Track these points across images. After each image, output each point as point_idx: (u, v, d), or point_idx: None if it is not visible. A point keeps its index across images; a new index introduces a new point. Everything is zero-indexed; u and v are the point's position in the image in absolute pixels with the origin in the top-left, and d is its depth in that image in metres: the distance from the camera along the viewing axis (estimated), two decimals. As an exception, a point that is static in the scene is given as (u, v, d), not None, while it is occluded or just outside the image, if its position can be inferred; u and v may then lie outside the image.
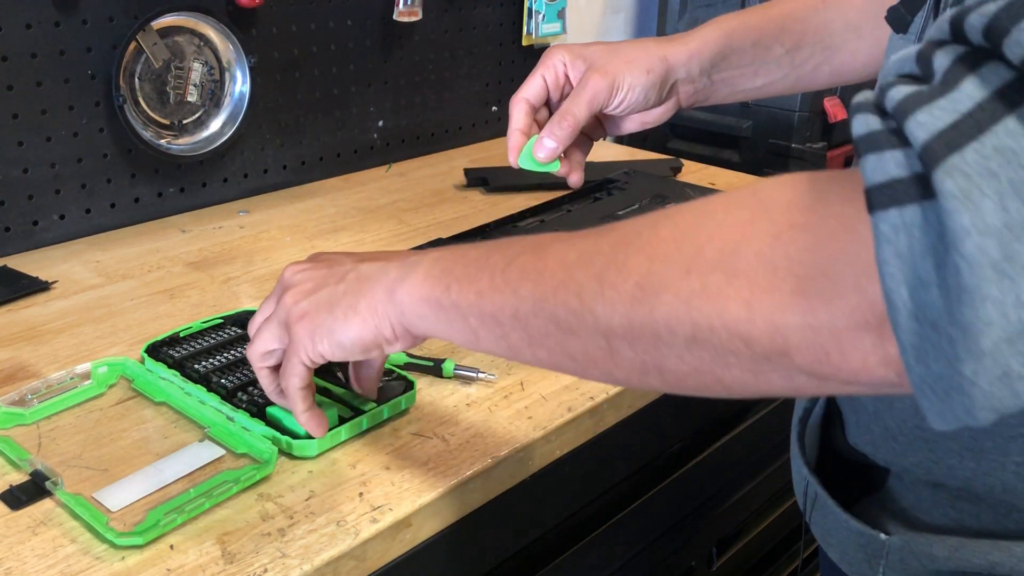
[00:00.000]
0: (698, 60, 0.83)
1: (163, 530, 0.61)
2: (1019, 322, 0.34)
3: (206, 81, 1.18)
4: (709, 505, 1.04)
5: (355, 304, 0.60)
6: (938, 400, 0.37)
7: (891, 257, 0.36)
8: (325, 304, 0.61)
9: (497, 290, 0.52)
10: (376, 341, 0.60)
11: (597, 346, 0.48)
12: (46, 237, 1.09)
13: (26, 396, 0.75)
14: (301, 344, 0.62)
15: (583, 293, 0.47)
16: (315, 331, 0.61)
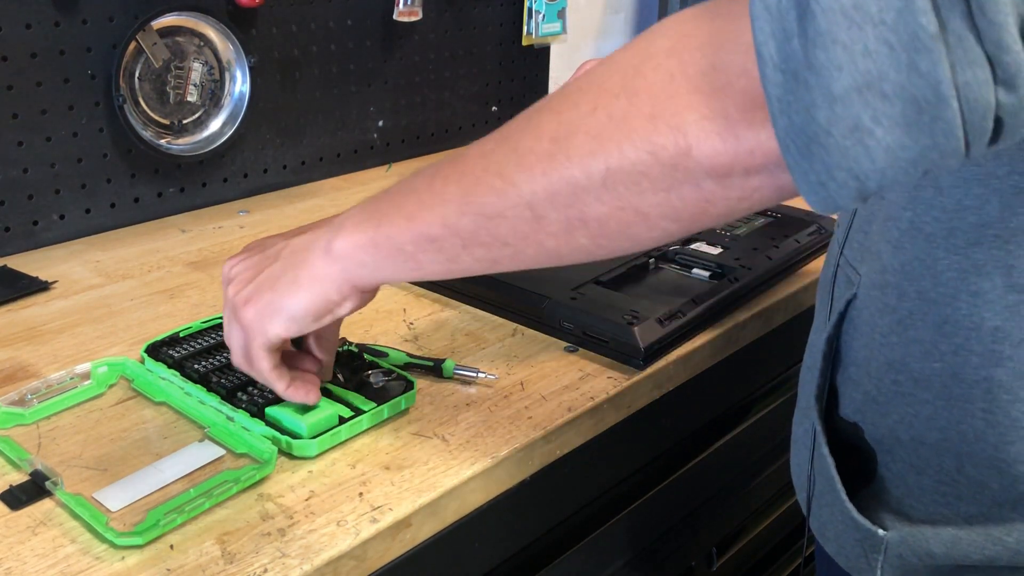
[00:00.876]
0: None
1: (163, 530, 0.61)
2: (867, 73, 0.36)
3: (206, 81, 1.18)
4: (709, 505, 1.04)
5: (296, 276, 0.61)
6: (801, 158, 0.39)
7: (761, 12, 0.38)
8: (266, 285, 0.62)
9: (424, 206, 0.54)
10: (326, 306, 0.61)
11: (524, 219, 0.50)
12: (46, 237, 1.09)
13: (26, 396, 0.75)
14: (253, 329, 0.63)
15: (503, 170, 0.49)
16: (262, 313, 0.62)
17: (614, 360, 0.84)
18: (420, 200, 0.55)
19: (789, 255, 1.03)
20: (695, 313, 0.88)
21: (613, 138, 0.45)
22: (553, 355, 0.85)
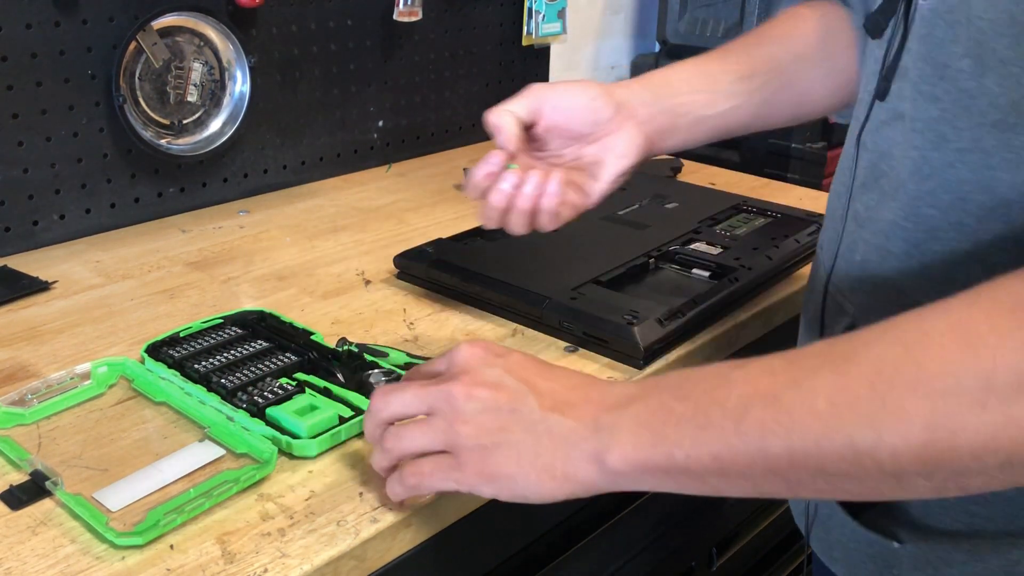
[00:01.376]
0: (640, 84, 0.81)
1: (163, 530, 0.61)
2: None
3: (206, 81, 1.18)
4: (709, 505, 1.04)
5: (551, 464, 0.56)
6: None
7: None
8: (511, 457, 0.57)
9: (737, 452, 0.48)
10: (567, 499, 0.57)
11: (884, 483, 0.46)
12: (46, 237, 1.09)
13: (26, 396, 0.75)
14: (465, 478, 0.58)
15: (856, 444, 0.45)
16: (491, 475, 0.57)
17: (614, 360, 0.84)
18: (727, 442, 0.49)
19: (789, 255, 1.03)
20: (695, 313, 0.88)
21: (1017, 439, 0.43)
22: (553, 355, 0.85)
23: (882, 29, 0.62)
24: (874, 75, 0.63)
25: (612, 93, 0.78)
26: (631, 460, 0.52)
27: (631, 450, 0.52)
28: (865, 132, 0.64)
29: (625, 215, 1.14)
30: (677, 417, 0.50)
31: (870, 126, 0.63)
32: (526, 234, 0.76)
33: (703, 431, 0.49)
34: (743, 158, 1.67)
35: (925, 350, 0.44)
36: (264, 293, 0.98)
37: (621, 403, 0.53)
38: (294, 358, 0.80)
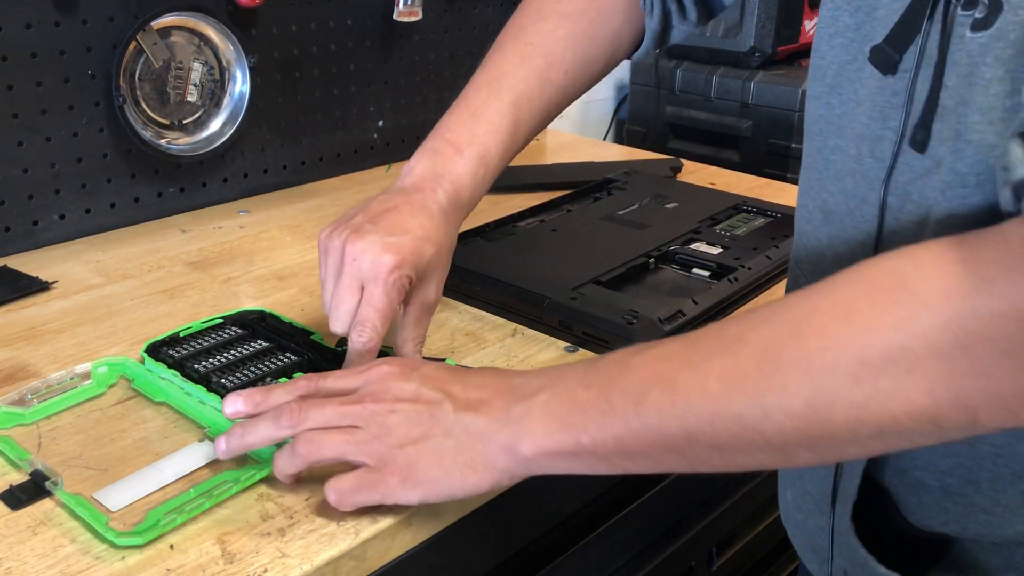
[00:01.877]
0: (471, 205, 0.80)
1: (163, 530, 0.61)
2: None
3: (206, 81, 1.18)
4: (709, 505, 1.04)
5: (470, 460, 0.58)
6: None
7: None
8: (434, 457, 0.59)
9: (637, 433, 0.51)
10: (492, 489, 0.59)
11: (770, 456, 0.49)
12: (46, 237, 1.09)
13: (26, 396, 0.75)
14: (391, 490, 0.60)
15: (744, 420, 0.47)
16: (416, 481, 0.59)
17: (614, 360, 0.84)
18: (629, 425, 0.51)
19: (789, 255, 1.03)
20: (695, 313, 0.88)
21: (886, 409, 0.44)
22: (553, 355, 0.85)
23: (895, 64, 0.56)
24: (884, 108, 0.57)
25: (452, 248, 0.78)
26: (541, 447, 0.55)
27: (541, 438, 0.55)
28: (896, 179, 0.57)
29: (625, 215, 1.14)
30: (582, 404, 0.53)
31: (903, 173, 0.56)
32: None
33: (606, 416, 0.52)
34: (743, 158, 1.67)
35: (808, 328, 0.46)
36: (264, 293, 0.98)
37: (530, 393, 0.56)
38: (294, 358, 0.80)
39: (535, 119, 0.81)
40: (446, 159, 0.77)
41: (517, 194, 1.28)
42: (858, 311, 0.45)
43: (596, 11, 0.82)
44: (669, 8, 0.82)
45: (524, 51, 0.81)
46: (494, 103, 0.79)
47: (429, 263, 0.73)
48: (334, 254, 0.73)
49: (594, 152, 1.50)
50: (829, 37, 0.62)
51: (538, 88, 0.80)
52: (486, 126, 0.78)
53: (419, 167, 0.77)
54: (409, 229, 0.72)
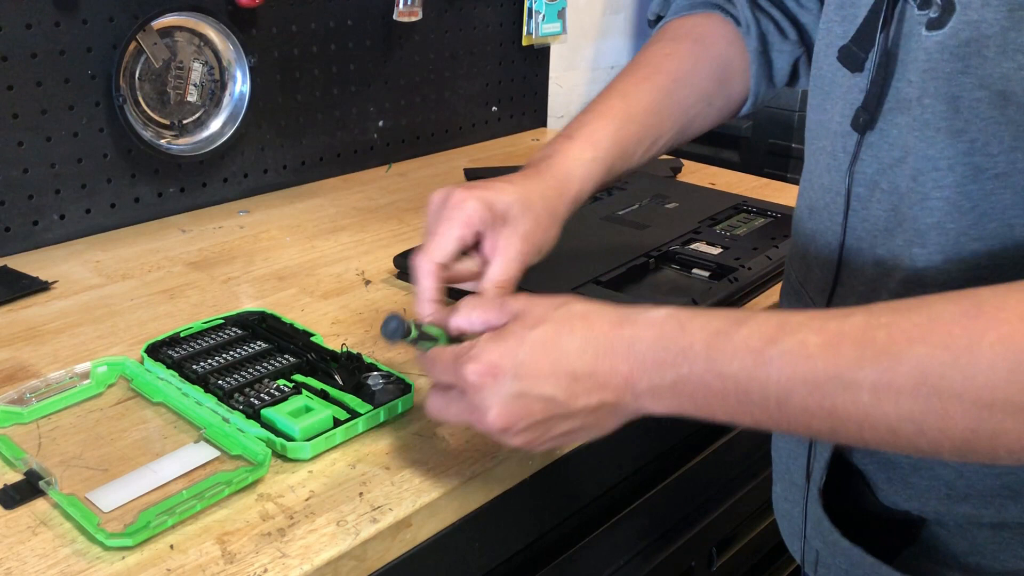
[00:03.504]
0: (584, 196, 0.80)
1: (153, 531, 0.61)
2: None
3: (206, 81, 1.18)
4: (709, 505, 1.04)
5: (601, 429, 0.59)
6: None
7: None
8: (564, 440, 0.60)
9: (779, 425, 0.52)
10: None
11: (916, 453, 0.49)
12: (46, 237, 1.09)
13: (25, 395, 0.75)
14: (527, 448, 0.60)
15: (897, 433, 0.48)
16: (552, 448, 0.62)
17: (614, 360, 0.84)
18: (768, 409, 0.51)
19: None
20: (695, 313, 0.88)
21: None
22: (553, 355, 0.85)
23: (861, 62, 0.60)
24: (849, 105, 0.61)
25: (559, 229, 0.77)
26: (672, 413, 0.55)
27: (675, 409, 0.55)
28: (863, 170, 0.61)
29: (625, 215, 1.14)
30: (716, 393, 0.53)
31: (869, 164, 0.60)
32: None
33: (744, 406, 0.52)
34: (743, 158, 1.67)
35: (974, 361, 0.45)
36: (264, 293, 0.98)
37: (653, 370, 0.54)
38: (293, 359, 0.80)
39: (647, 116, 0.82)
40: (558, 144, 0.79)
41: (517, 194, 1.28)
42: None
43: (698, 35, 0.85)
44: (765, 29, 0.83)
45: (632, 68, 0.85)
46: (603, 101, 0.82)
47: (508, 208, 0.72)
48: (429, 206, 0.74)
49: (594, 152, 1.50)
50: (825, 48, 0.65)
51: (646, 89, 0.82)
52: (595, 115, 0.80)
53: (533, 156, 0.80)
54: (493, 185, 0.74)
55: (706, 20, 0.85)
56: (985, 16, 0.51)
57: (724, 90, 0.85)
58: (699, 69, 0.84)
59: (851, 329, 0.49)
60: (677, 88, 0.82)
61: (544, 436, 0.59)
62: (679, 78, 0.83)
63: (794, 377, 0.50)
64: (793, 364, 0.50)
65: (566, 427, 0.58)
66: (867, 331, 0.49)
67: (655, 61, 0.84)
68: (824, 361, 0.49)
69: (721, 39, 0.84)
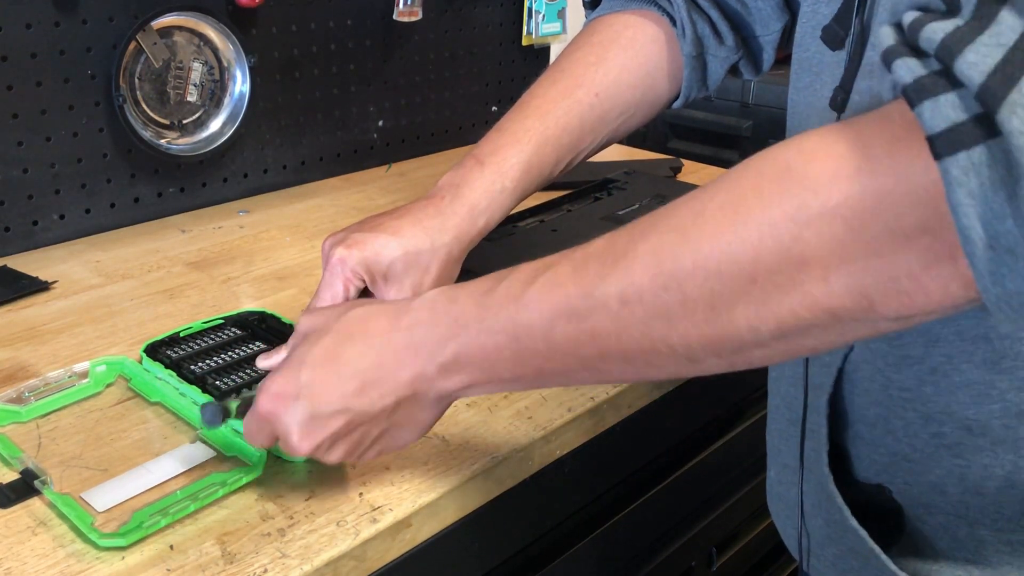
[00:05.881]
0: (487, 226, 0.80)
1: (147, 532, 0.60)
2: None
3: (206, 81, 1.18)
4: (709, 505, 1.04)
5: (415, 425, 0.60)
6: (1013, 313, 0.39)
7: (964, 197, 0.37)
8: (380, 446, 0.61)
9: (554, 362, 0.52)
10: None
11: (681, 365, 0.49)
12: (46, 237, 1.09)
13: (23, 393, 0.75)
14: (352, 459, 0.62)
15: (651, 333, 0.48)
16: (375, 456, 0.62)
17: (614, 360, 0.84)
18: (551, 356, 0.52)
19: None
20: (695, 313, 0.88)
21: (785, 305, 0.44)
22: (553, 355, 0.85)
23: (841, 39, 0.59)
24: (828, 86, 0.60)
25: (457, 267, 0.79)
26: (467, 387, 0.56)
27: (467, 382, 0.56)
28: None
29: (625, 215, 1.14)
30: (492, 351, 0.54)
31: None
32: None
33: (520, 356, 0.53)
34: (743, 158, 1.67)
35: (699, 231, 0.46)
36: (264, 293, 0.98)
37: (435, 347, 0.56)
38: (294, 358, 0.80)
39: (565, 136, 0.81)
40: (466, 171, 0.78)
41: (517, 194, 1.28)
42: (747, 207, 0.44)
43: (627, 39, 0.83)
44: (702, 33, 0.81)
45: (554, 77, 0.83)
46: (519, 120, 0.80)
47: (392, 264, 0.74)
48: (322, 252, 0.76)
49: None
50: (811, 29, 0.64)
51: (565, 107, 0.81)
52: (510, 139, 0.79)
53: (442, 180, 0.79)
54: (382, 228, 0.74)
55: (640, 21, 0.83)
56: None
57: (650, 97, 0.84)
58: (624, 80, 0.82)
59: (595, 248, 0.51)
60: (600, 103, 0.81)
61: (359, 447, 0.60)
62: (602, 92, 0.81)
63: (552, 310, 0.51)
64: (549, 297, 0.51)
65: (375, 432, 0.59)
66: (608, 244, 0.50)
67: (578, 72, 0.82)
68: (574, 285, 0.50)
69: (653, 43, 0.83)
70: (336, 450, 0.59)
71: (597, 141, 0.83)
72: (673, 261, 0.46)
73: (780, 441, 0.69)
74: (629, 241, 0.49)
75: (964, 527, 0.57)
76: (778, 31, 0.83)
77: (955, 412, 0.54)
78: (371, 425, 0.58)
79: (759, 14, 0.82)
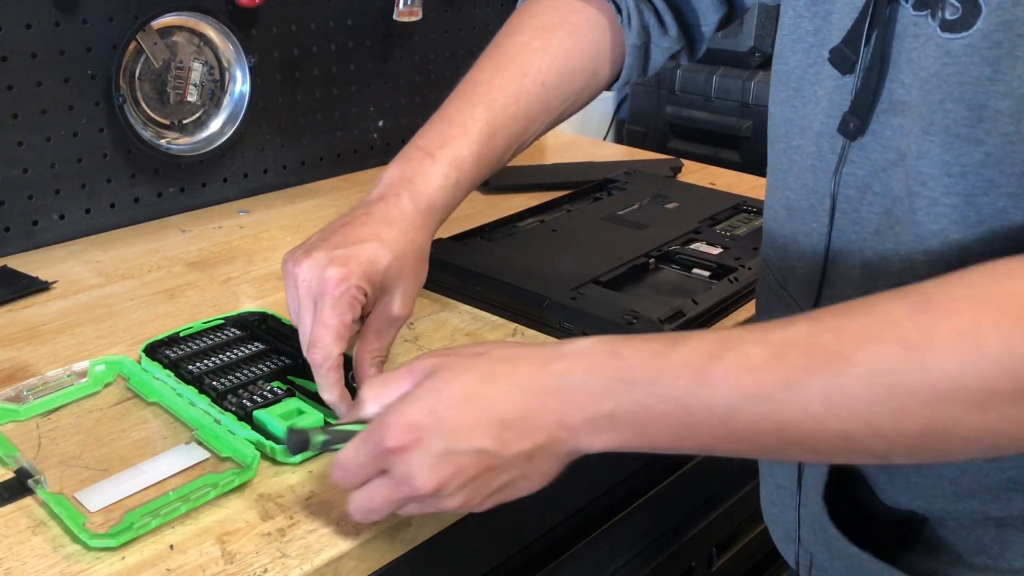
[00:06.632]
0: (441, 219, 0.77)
1: (137, 533, 0.60)
2: None
3: (206, 81, 1.18)
4: (709, 505, 1.04)
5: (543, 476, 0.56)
6: None
7: None
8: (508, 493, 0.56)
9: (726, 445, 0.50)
10: None
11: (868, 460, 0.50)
12: (46, 237, 1.09)
13: (22, 392, 0.75)
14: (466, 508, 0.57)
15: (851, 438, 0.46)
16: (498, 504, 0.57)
17: (614, 360, 0.84)
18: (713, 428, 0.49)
19: (789, 255, 1.03)
20: (695, 313, 0.88)
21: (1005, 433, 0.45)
22: (553, 355, 0.85)
23: (852, 64, 0.58)
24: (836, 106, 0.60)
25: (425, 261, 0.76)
26: (611, 448, 0.53)
27: (614, 443, 0.53)
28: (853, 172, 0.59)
29: (625, 215, 1.14)
30: (658, 416, 0.50)
31: (860, 166, 0.59)
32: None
33: (689, 428, 0.50)
34: (743, 158, 1.67)
35: (928, 355, 0.44)
36: (264, 293, 0.98)
37: (590, 402, 0.52)
38: (289, 361, 0.80)
39: (513, 126, 0.79)
40: (416, 163, 0.75)
41: (517, 194, 1.28)
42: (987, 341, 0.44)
43: (572, 24, 0.82)
44: (647, 23, 0.81)
45: (499, 62, 0.82)
46: (467, 109, 0.78)
47: (387, 272, 0.70)
48: (288, 279, 0.70)
49: (594, 152, 1.50)
50: (792, 43, 0.64)
51: (513, 95, 0.79)
52: (458, 130, 0.77)
53: (387, 175, 0.75)
54: (361, 239, 0.70)
55: (583, 6, 0.82)
56: (1019, 15, 0.48)
57: (592, 85, 0.83)
58: (569, 68, 0.81)
59: (796, 337, 0.48)
60: (545, 91, 0.80)
61: (482, 493, 0.55)
62: (548, 81, 0.80)
63: (740, 391, 0.48)
64: (738, 378, 0.48)
65: (503, 479, 0.54)
66: (813, 337, 0.47)
67: (523, 56, 0.81)
68: (771, 372, 0.47)
69: (595, 29, 0.81)
70: (459, 495, 0.54)
71: (540, 129, 0.82)
72: (894, 376, 0.45)
73: (773, 463, 0.69)
74: (841, 342, 0.46)
75: (992, 529, 0.56)
76: (715, 22, 0.83)
77: None
78: (501, 471, 0.54)
79: (700, 4, 0.82)
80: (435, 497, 0.54)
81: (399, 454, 0.53)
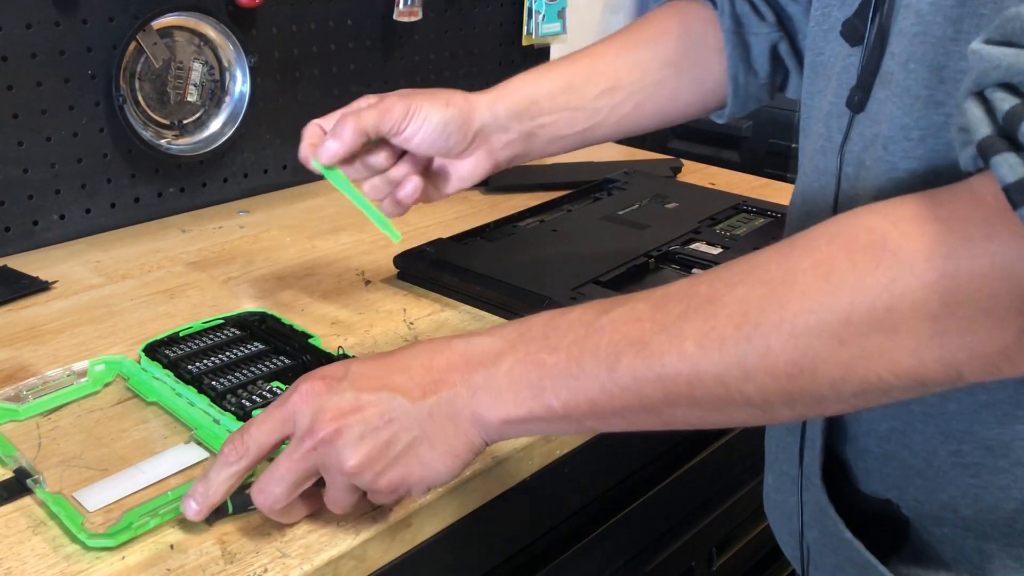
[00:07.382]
0: (504, 104, 0.82)
1: (135, 532, 0.60)
2: None
3: (206, 81, 1.18)
4: (709, 505, 1.04)
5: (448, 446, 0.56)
6: None
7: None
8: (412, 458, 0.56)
9: (612, 396, 0.51)
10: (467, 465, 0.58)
11: (749, 413, 0.49)
12: (46, 237, 1.09)
13: (22, 392, 0.75)
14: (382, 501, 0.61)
15: (725, 380, 0.48)
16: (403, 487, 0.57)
17: (614, 360, 0.84)
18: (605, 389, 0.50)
19: (789, 255, 1.02)
20: (695, 313, 0.88)
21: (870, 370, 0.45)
22: (553, 355, 0.85)
23: (861, 35, 0.58)
24: (843, 84, 0.59)
25: (470, 120, 0.80)
26: (511, 414, 0.54)
27: (511, 406, 0.54)
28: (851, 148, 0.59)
29: (625, 215, 1.14)
30: (550, 368, 0.52)
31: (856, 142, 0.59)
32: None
33: (577, 380, 0.51)
34: (743, 158, 1.67)
35: (788, 289, 0.46)
36: (264, 293, 0.98)
37: (489, 360, 0.54)
38: (289, 361, 0.80)
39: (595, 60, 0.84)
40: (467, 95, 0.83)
41: (517, 194, 1.28)
42: (839, 272, 0.45)
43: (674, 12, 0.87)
44: (740, 11, 0.82)
45: None
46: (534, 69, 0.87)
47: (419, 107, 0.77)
48: None
49: (594, 152, 1.50)
50: (824, 33, 0.64)
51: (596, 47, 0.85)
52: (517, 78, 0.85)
53: None
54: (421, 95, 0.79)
55: (686, 5, 0.86)
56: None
57: (694, 60, 0.85)
58: (662, 38, 0.85)
59: (677, 289, 0.50)
60: (634, 47, 0.84)
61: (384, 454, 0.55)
62: (636, 41, 0.84)
63: (623, 339, 0.50)
64: (622, 327, 0.51)
65: (405, 438, 0.55)
66: (691, 287, 0.50)
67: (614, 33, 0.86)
68: (650, 320, 0.50)
69: (696, 19, 0.85)
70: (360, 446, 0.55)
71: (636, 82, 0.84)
72: (760, 313, 0.47)
73: (778, 449, 0.69)
74: (713, 288, 0.49)
75: (972, 540, 0.56)
76: None
77: (977, 432, 0.54)
78: (403, 428, 0.55)
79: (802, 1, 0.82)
80: (334, 445, 0.55)
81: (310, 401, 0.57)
